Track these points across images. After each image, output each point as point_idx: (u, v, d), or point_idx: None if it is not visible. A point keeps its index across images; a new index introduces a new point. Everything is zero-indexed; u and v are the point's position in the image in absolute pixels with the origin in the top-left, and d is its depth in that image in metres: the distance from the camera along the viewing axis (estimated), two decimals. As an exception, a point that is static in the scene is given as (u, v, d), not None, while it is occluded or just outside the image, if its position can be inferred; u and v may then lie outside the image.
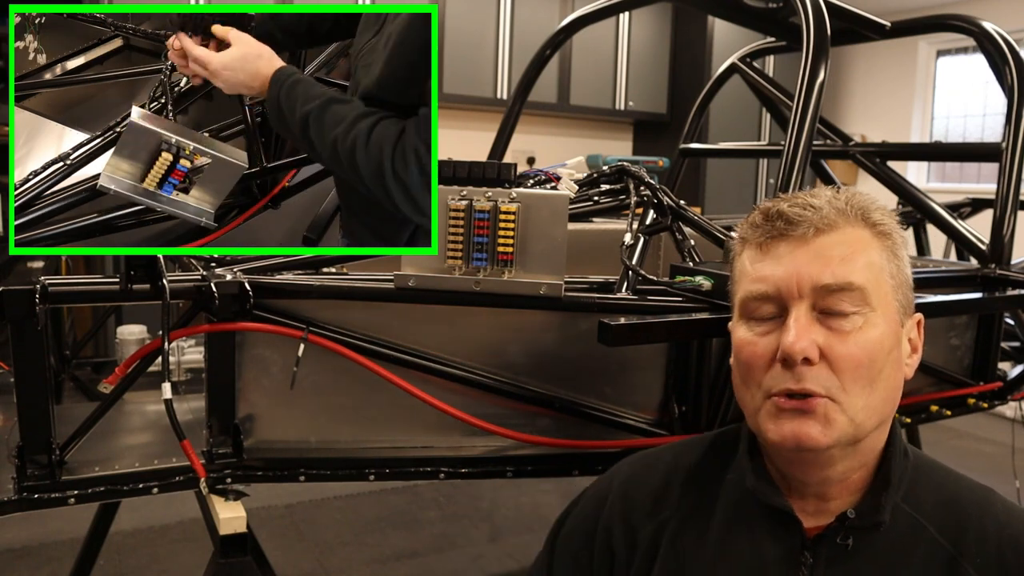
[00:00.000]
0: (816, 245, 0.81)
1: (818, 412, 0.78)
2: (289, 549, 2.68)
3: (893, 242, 0.85)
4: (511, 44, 4.80)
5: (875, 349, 0.79)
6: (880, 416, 0.82)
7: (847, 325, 0.79)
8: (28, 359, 1.11)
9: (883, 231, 0.84)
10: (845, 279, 0.79)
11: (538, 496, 3.09)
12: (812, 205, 0.83)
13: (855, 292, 0.79)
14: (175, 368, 1.75)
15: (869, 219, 0.84)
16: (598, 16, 2.38)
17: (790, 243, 0.82)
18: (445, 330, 1.30)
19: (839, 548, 0.81)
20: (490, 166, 1.16)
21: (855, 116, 6.26)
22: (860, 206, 0.84)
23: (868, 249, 0.82)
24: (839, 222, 0.82)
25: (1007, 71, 1.94)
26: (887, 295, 0.82)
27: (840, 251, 0.81)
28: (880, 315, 0.80)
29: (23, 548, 2.57)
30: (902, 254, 0.86)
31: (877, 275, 0.81)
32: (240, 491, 1.20)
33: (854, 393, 0.78)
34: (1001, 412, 3.52)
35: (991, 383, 1.89)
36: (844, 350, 0.78)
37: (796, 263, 0.81)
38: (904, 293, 0.84)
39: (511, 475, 1.37)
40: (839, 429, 0.78)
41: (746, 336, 0.84)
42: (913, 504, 0.83)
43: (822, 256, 0.80)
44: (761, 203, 0.88)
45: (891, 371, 0.81)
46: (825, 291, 0.79)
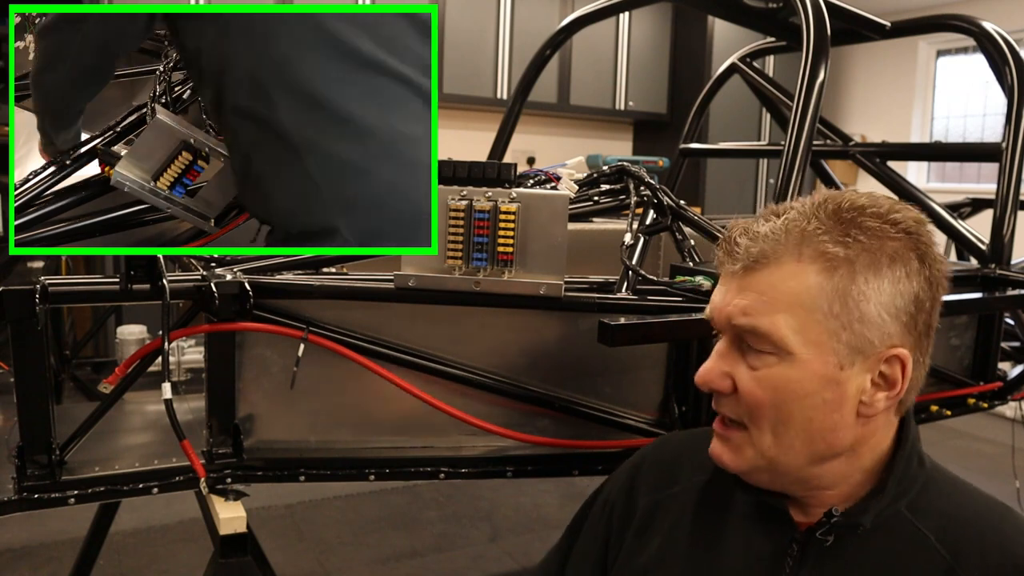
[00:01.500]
0: (743, 282, 0.79)
1: (731, 440, 0.82)
2: (289, 549, 2.68)
3: (850, 275, 0.76)
4: (511, 44, 4.80)
5: (781, 392, 0.77)
6: (805, 455, 0.79)
7: (757, 363, 0.79)
8: (28, 359, 1.11)
9: (839, 264, 0.76)
10: (753, 323, 0.77)
11: (538, 496, 3.09)
12: (757, 234, 0.79)
13: (763, 336, 0.77)
14: (175, 368, 1.75)
15: (821, 249, 0.76)
16: (598, 16, 2.38)
17: (727, 274, 0.82)
18: (445, 330, 1.30)
19: (821, 543, 0.81)
20: (490, 166, 1.16)
21: (855, 116, 6.26)
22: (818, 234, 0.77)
23: (798, 289, 0.76)
24: (778, 254, 0.78)
25: (1007, 71, 1.94)
26: (818, 337, 0.76)
27: (761, 291, 0.78)
28: (800, 359, 0.76)
29: (23, 548, 2.57)
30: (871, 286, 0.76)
31: (804, 318, 0.76)
32: (240, 491, 1.20)
33: (762, 428, 0.79)
34: (1001, 412, 3.52)
35: (991, 383, 1.89)
36: (746, 387, 0.79)
37: (725, 296, 0.82)
38: (857, 332, 0.76)
39: (511, 475, 1.37)
40: (748, 459, 0.81)
41: None
42: (917, 512, 0.81)
43: (742, 293, 0.79)
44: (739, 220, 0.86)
45: (813, 414, 0.77)
46: (738, 329, 0.80)
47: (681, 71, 5.45)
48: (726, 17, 2.27)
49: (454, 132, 4.86)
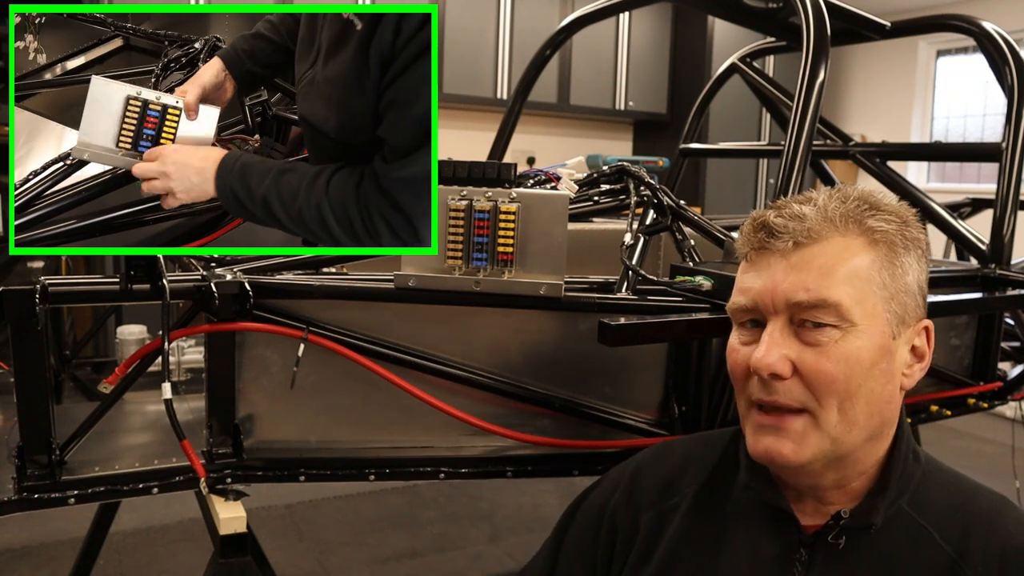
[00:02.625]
0: (795, 259, 0.80)
1: (792, 429, 0.79)
2: (289, 549, 2.68)
3: (891, 249, 0.81)
4: (511, 44, 4.80)
5: (851, 364, 0.77)
6: (866, 430, 0.80)
7: (822, 339, 0.78)
8: (28, 359, 1.11)
9: (880, 238, 0.81)
10: (819, 295, 0.77)
11: (538, 496, 3.10)
12: (799, 215, 0.81)
13: (830, 308, 0.77)
14: (175, 368, 1.75)
15: (864, 225, 0.81)
16: (598, 16, 2.38)
17: (771, 256, 0.81)
18: (445, 330, 1.30)
19: (833, 547, 0.81)
20: (490, 166, 1.16)
21: (855, 116, 6.26)
22: (855, 213, 0.81)
23: (853, 260, 0.79)
24: (825, 232, 0.80)
25: (1007, 71, 1.94)
26: (874, 307, 0.79)
27: (818, 265, 0.79)
28: (862, 329, 0.78)
29: (23, 548, 2.57)
30: (905, 260, 0.82)
31: (861, 288, 0.78)
32: (240, 491, 1.20)
33: (829, 408, 0.78)
34: (1001, 412, 3.53)
35: (991, 383, 1.89)
36: (816, 365, 0.77)
37: (774, 277, 0.80)
38: (902, 302, 0.81)
39: (511, 475, 1.37)
40: (814, 446, 0.78)
41: (733, 343, 0.85)
42: (918, 508, 0.82)
43: (798, 270, 0.79)
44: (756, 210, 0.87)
45: (875, 385, 0.79)
46: (799, 307, 0.78)
47: (681, 71, 5.45)
48: (726, 17, 2.27)
49: (454, 132, 4.86)
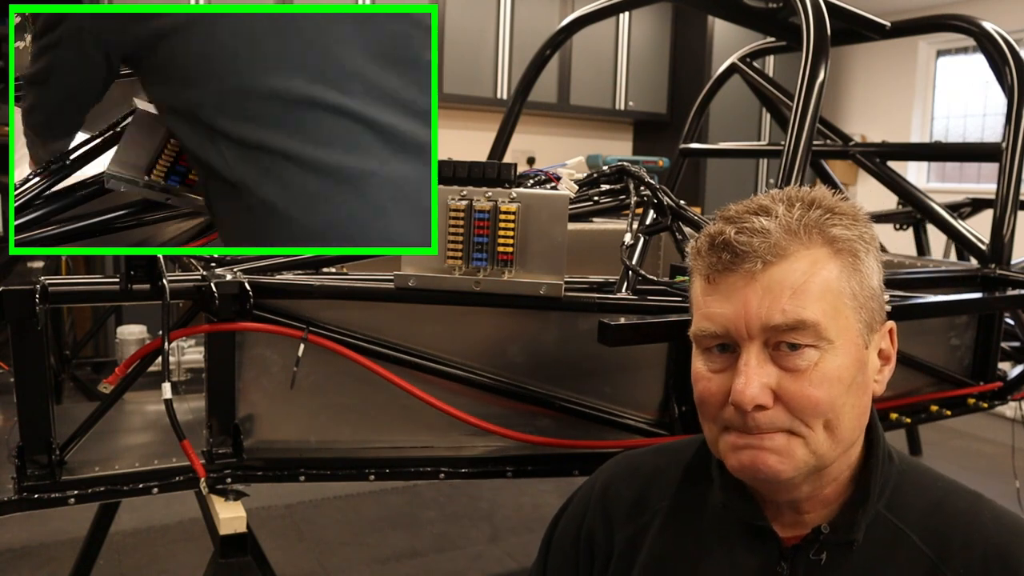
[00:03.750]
0: (765, 280, 0.75)
1: (774, 446, 0.75)
2: (289, 549, 2.68)
3: (854, 256, 0.77)
4: (511, 44, 4.80)
5: (834, 384, 0.74)
6: (847, 442, 0.78)
7: (802, 363, 0.74)
8: (28, 359, 1.11)
9: (843, 247, 0.77)
10: (796, 317, 0.73)
11: (538, 496, 3.09)
12: (762, 229, 0.75)
13: (808, 328, 0.74)
14: (175, 368, 1.75)
15: (827, 235, 0.77)
16: (598, 16, 2.38)
17: (737, 277, 0.76)
18: (445, 330, 1.30)
19: (815, 564, 0.79)
20: (490, 166, 1.16)
21: (855, 116, 6.26)
22: (816, 222, 0.77)
23: (823, 274, 0.75)
24: (791, 247, 0.75)
25: (1007, 71, 1.94)
26: (847, 319, 0.76)
27: (791, 283, 0.74)
28: (839, 345, 0.75)
29: (23, 548, 2.57)
30: (868, 265, 0.78)
31: (834, 301, 0.75)
32: (240, 491, 1.20)
33: (816, 428, 0.75)
34: (1001, 412, 3.52)
35: (991, 383, 1.89)
36: (800, 391, 0.74)
37: (745, 302, 0.75)
38: (869, 308, 0.78)
39: (511, 475, 1.37)
40: (799, 460, 0.76)
41: (701, 370, 0.80)
42: (896, 512, 0.80)
43: (771, 292, 0.74)
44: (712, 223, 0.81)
45: (855, 399, 0.77)
46: (775, 330, 0.74)
47: (681, 71, 5.45)
48: (726, 17, 2.27)
49: (454, 132, 4.86)
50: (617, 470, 0.96)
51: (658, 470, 0.93)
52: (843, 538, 0.78)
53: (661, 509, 0.89)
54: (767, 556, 0.81)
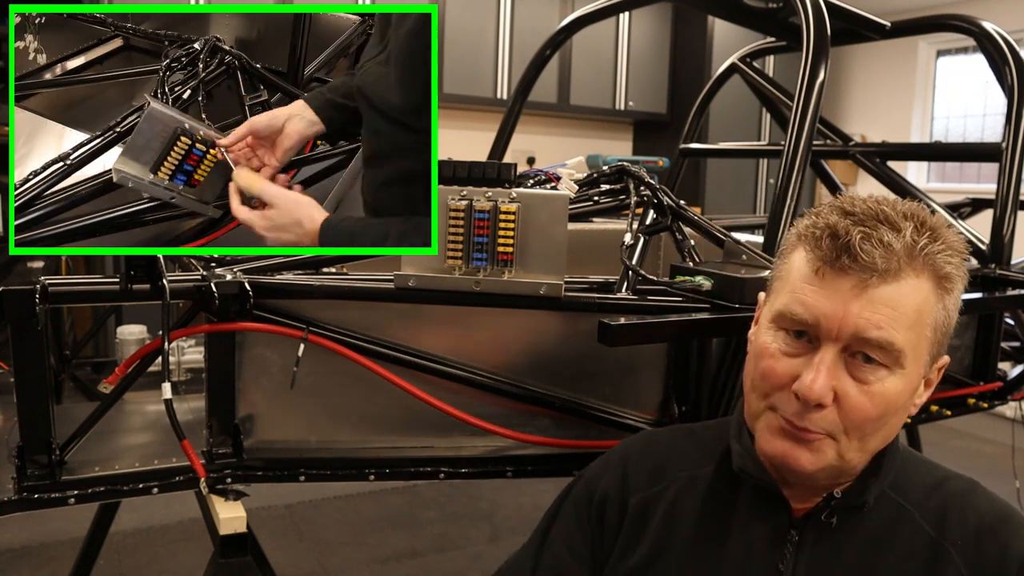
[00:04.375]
0: (873, 294, 0.77)
1: (813, 443, 0.80)
2: (289, 549, 2.68)
3: (951, 293, 0.80)
4: (511, 44, 4.80)
5: (888, 404, 0.79)
6: (871, 452, 0.83)
7: (871, 377, 0.78)
8: (28, 359, 1.11)
9: (947, 286, 0.80)
10: (887, 338, 0.76)
11: (538, 496, 3.09)
12: (888, 244, 0.76)
13: (891, 352, 0.77)
14: (175, 368, 1.75)
15: (938, 270, 0.79)
16: (598, 16, 2.38)
17: (848, 281, 0.77)
18: (445, 330, 1.30)
19: (824, 526, 0.84)
20: (490, 166, 1.16)
21: (855, 116, 6.26)
22: (933, 254, 0.78)
23: (923, 305, 0.78)
24: (906, 271, 0.77)
25: (1007, 71, 1.94)
26: (922, 351, 0.80)
27: (893, 305, 0.77)
28: (907, 372, 0.78)
29: (23, 548, 2.57)
30: (954, 302, 0.81)
31: (920, 332, 0.78)
32: (240, 491, 1.20)
33: (854, 438, 0.79)
34: (1001, 412, 3.52)
35: (991, 383, 1.89)
36: (858, 401, 0.78)
37: (847, 306, 0.77)
38: (940, 344, 0.82)
39: (511, 475, 1.37)
40: (827, 461, 0.80)
41: (771, 347, 0.83)
42: (899, 491, 0.86)
43: (875, 307, 0.76)
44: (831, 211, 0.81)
45: (896, 420, 0.82)
46: (863, 343, 0.77)
47: (681, 71, 5.45)
48: (726, 17, 2.27)
49: (454, 132, 4.86)
50: (637, 442, 1.02)
51: (677, 444, 0.98)
52: (853, 502, 0.84)
53: (678, 479, 0.94)
54: (779, 524, 0.86)
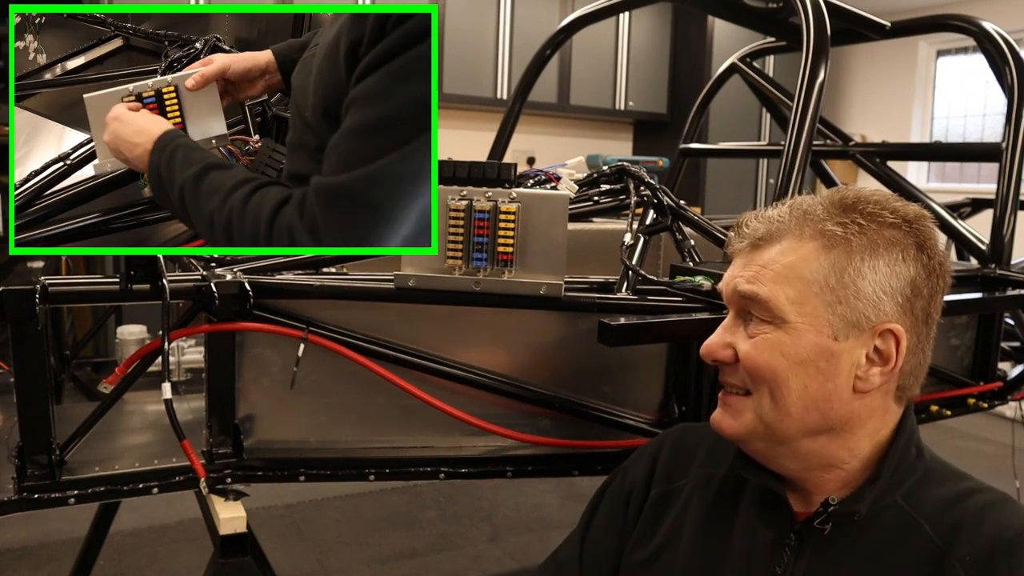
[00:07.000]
0: (749, 257, 0.88)
1: (731, 405, 0.88)
2: (289, 549, 2.68)
3: (848, 255, 0.82)
4: (511, 44, 4.80)
5: (776, 357, 0.83)
6: (803, 423, 0.83)
7: (755, 331, 0.85)
8: (28, 359, 1.11)
9: (836, 242, 0.82)
10: (752, 291, 0.85)
11: (538, 496, 3.09)
12: (769, 217, 0.88)
13: (761, 303, 0.84)
14: (175, 368, 1.75)
15: (822, 230, 0.84)
16: (598, 16, 2.38)
17: (736, 253, 0.91)
18: (445, 330, 1.30)
19: (819, 532, 0.84)
20: (490, 166, 1.16)
21: (855, 116, 6.26)
22: (820, 218, 0.84)
23: (798, 261, 0.83)
24: (782, 234, 0.86)
25: (1007, 71, 1.94)
26: (813, 307, 0.82)
27: (762, 263, 0.85)
28: (794, 327, 0.82)
29: (23, 548, 2.57)
30: (865, 265, 0.82)
31: (803, 289, 0.83)
32: (240, 491, 1.20)
33: (762, 394, 0.84)
34: (1001, 412, 3.52)
35: (991, 383, 1.89)
36: (746, 352, 0.85)
37: (732, 271, 0.89)
38: (853, 307, 0.81)
39: (511, 475, 1.37)
40: (746, 422, 0.86)
41: None
42: (913, 503, 0.83)
43: (748, 267, 0.87)
44: None
45: (808, 381, 0.82)
46: (742, 299, 0.86)
47: (681, 71, 5.45)
48: (726, 17, 2.27)
49: (454, 132, 4.86)
50: (671, 435, 1.07)
51: (702, 442, 1.02)
52: (847, 509, 0.83)
53: (697, 476, 0.98)
54: (780, 528, 0.87)
